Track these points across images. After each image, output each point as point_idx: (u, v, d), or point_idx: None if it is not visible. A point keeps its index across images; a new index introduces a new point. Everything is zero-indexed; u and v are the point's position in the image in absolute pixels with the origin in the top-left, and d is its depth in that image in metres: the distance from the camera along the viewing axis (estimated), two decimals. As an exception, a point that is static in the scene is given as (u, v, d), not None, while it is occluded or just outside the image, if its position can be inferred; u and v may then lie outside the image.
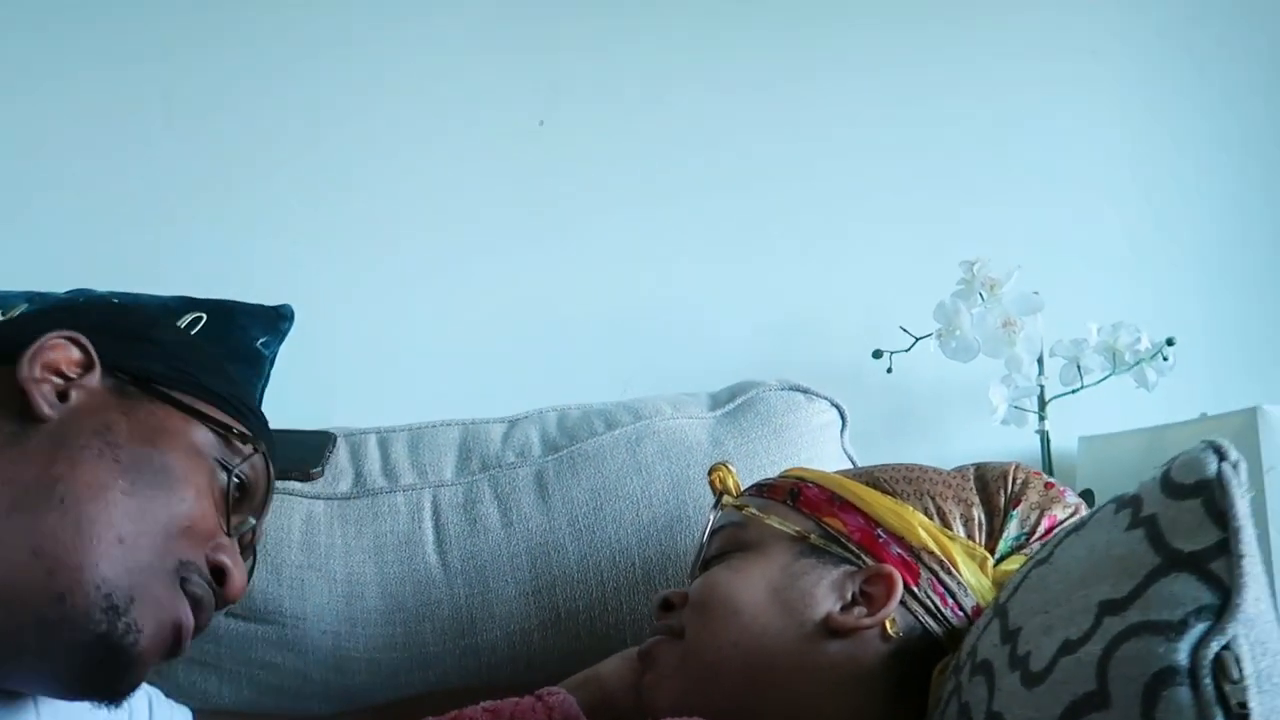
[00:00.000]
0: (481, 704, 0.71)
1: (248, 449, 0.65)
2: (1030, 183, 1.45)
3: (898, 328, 1.25)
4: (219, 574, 0.60)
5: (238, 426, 0.65)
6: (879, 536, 0.72)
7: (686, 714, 0.66)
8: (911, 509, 0.73)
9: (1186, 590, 0.45)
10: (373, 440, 1.02)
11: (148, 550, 0.56)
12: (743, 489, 0.83)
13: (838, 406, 1.08)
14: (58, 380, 0.59)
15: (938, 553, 0.70)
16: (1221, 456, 0.47)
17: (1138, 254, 1.44)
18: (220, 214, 1.34)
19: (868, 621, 0.68)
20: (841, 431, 1.07)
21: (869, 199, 1.43)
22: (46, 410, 0.57)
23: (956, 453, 1.35)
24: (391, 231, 1.37)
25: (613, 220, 1.40)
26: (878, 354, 1.26)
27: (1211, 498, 0.46)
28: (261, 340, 1.17)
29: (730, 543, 0.77)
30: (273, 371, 1.18)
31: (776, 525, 0.74)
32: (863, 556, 0.71)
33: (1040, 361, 1.24)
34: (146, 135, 1.35)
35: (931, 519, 0.72)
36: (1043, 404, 1.25)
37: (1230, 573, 0.44)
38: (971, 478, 0.76)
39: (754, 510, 0.76)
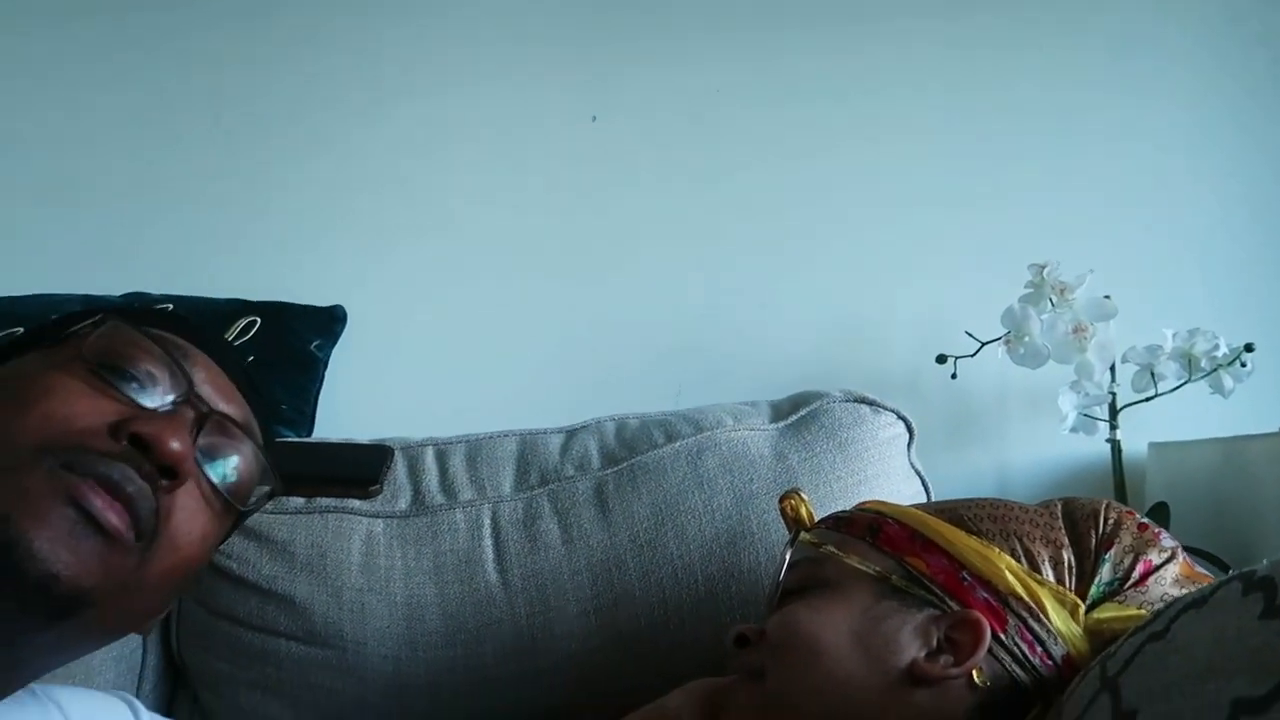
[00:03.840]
0: None
1: (91, 320, 0.62)
2: (1102, 184, 1.40)
3: (962, 333, 1.21)
4: (143, 447, 0.57)
5: (75, 324, 0.63)
6: (964, 579, 0.69)
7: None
8: (998, 551, 0.70)
9: (1333, 693, 0.41)
10: (430, 453, 1.00)
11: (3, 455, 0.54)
12: (816, 518, 0.80)
13: (904, 419, 1.05)
14: None
15: (1026, 599, 0.67)
16: (1367, 543, 0.44)
17: (1214, 258, 1.39)
18: (272, 216, 1.31)
19: (955, 671, 0.65)
20: (909, 445, 1.04)
21: (932, 200, 1.39)
22: None
23: (1020, 461, 1.32)
24: (443, 233, 1.35)
25: (667, 224, 1.37)
26: (942, 359, 1.22)
27: (1359, 590, 0.43)
28: (315, 343, 1.16)
29: (808, 579, 0.74)
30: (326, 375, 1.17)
31: (856, 565, 0.72)
32: (947, 600, 0.68)
33: (1112, 369, 1.20)
34: (197, 136, 1.33)
35: (1019, 561, 0.69)
36: (1114, 412, 1.21)
37: (1381, 675, 0.41)
38: (1060, 515, 0.73)
39: (832, 548, 0.74)
